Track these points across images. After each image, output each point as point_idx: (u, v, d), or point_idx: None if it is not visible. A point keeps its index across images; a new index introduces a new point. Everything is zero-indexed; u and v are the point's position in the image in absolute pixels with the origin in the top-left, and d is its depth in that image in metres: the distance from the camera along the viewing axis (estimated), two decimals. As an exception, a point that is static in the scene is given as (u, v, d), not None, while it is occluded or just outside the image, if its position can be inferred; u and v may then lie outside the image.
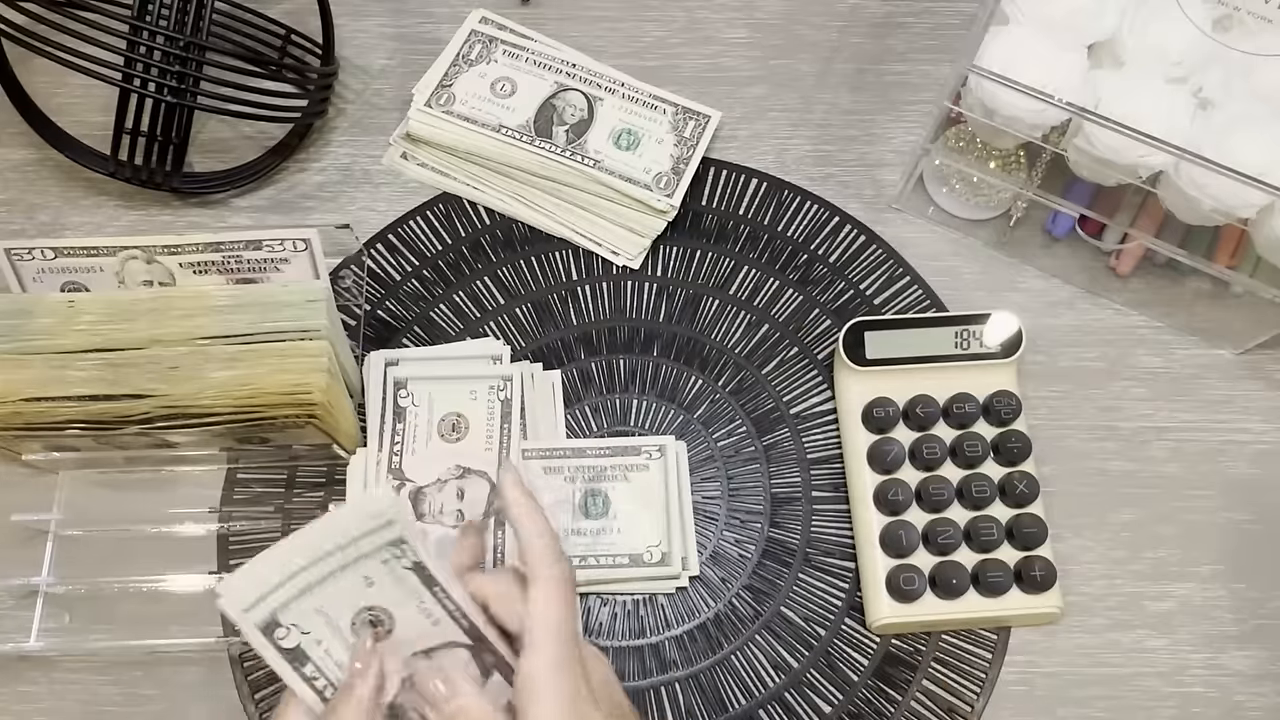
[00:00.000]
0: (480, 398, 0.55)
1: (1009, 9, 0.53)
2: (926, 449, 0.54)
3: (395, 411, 0.54)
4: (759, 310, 0.61)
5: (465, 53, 0.64)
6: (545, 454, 0.55)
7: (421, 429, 0.54)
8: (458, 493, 0.53)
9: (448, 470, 0.53)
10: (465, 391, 0.55)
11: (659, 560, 0.53)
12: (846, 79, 0.67)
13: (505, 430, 0.54)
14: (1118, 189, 0.55)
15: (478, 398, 0.55)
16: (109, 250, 0.51)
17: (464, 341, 0.59)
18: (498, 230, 0.62)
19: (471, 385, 0.55)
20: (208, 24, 0.55)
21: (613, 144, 0.61)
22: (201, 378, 0.48)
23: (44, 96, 0.62)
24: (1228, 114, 0.51)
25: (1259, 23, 0.53)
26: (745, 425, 0.58)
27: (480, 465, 0.53)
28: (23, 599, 0.53)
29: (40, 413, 0.48)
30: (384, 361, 0.56)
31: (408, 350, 0.58)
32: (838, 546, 0.55)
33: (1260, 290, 0.54)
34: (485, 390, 0.55)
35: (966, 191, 0.62)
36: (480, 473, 0.53)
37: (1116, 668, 0.53)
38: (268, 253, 0.51)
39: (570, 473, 0.54)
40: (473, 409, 0.55)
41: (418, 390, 0.55)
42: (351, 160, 0.64)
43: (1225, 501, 0.57)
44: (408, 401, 0.55)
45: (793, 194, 0.63)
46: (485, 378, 0.55)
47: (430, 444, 0.54)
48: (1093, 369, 0.59)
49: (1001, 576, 0.52)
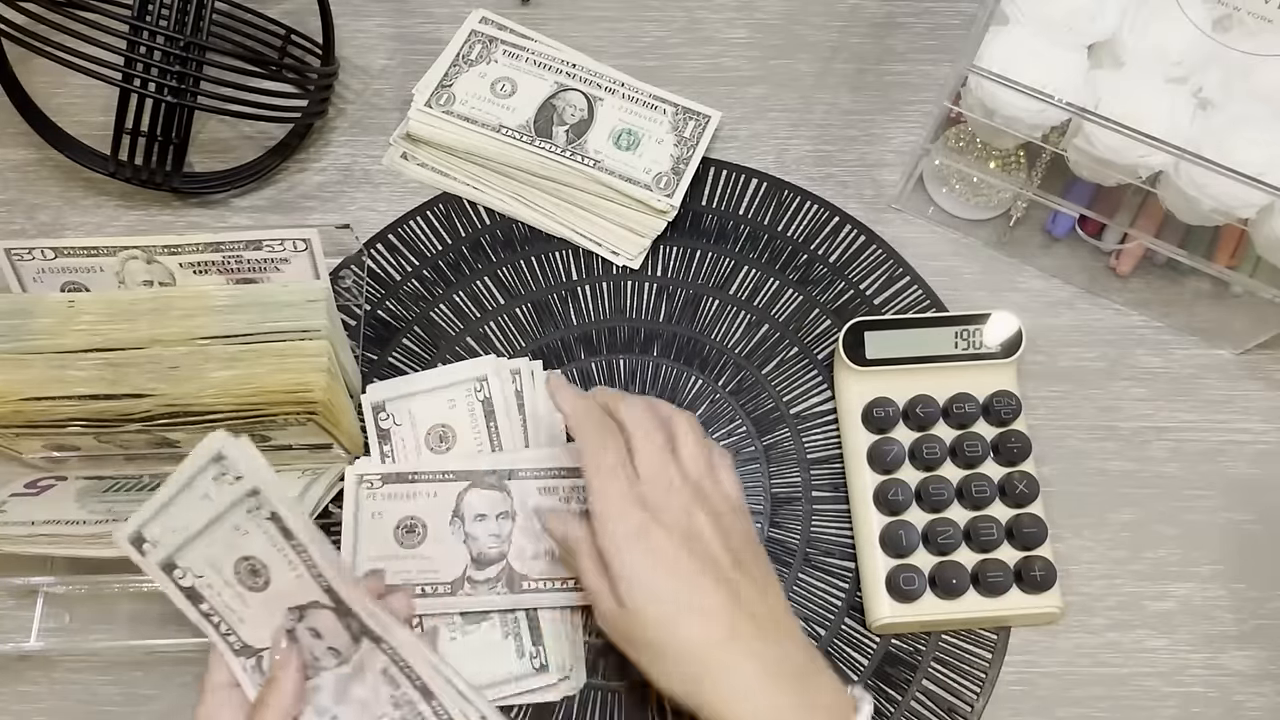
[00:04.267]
0: (459, 404, 0.54)
1: (1009, 9, 0.53)
2: (926, 449, 0.55)
3: (379, 435, 0.54)
4: (759, 310, 0.61)
5: (465, 53, 0.64)
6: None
7: (409, 445, 0.54)
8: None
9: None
10: (444, 401, 0.55)
11: None
12: (846, 79, 0.67)
13: (492, 428, 0.54)
14: (1118, 189, 0.55)
15: (457, 405, 0.55)
16: (109, 250, 0.51)
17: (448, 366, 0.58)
18: (498, 230, 0.62)
19: (448, 394, 0.55)
20: (208, 24, 0.55)
21: (613, 144, 0.61)
22: (201, 377, 0.48)
23: (44, 96, 0.62)
24: (1228, 114, 0.51)
25: (1259, 23, 0.53)
26: (745, 425, 0.58)
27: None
28: (23, 599, 0.54)
29: (41, 411, 0.48)
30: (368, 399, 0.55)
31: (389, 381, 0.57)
32: (838, 546, 0.55)
33: (1260, 290, 0.54)
34: (463, 396, 0.55)
35: (966, 191, 0.62)
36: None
37: (1116, 668, 0.53)
38: (268, 253, 0.51)
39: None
40: (454, 417, 0.54)
41: (397, 409, 0.55)
42: (351, 160, 0.64)
43: (1225, 501, 0.57)
44: (389, 423, 0.55)
45: (793, 194, 0.63)
46: (460, 383, 0.55)
47: (421, 458, 0.54)
48: (1093, 369, 0.59)
49: (1001, 576, 0.52)
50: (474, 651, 0.51)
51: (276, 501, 0.39)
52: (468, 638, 0.51)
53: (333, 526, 0.54)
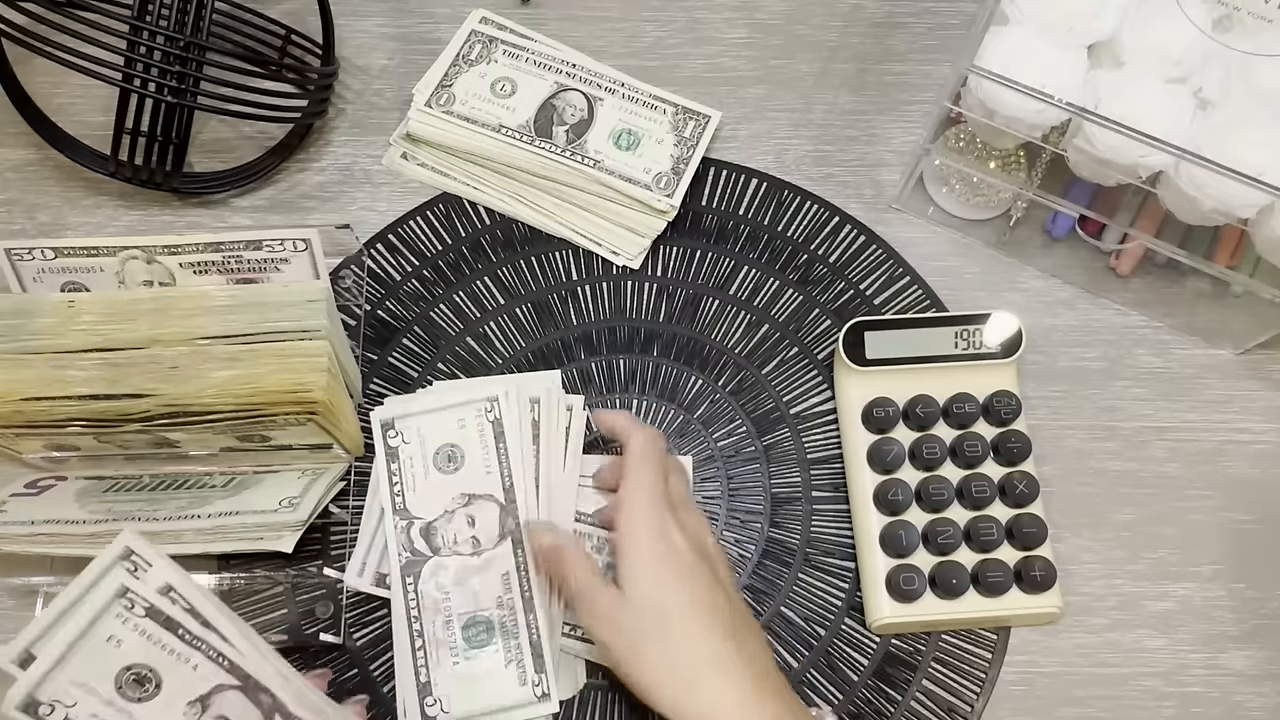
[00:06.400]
0: (469, 424, 0.53)
1: (1009, 9, 0.53)
2: (926, 449, 0.55)
3: (388, 452, 0.53)
4: (759, 310, 0.61)
5: (465, 53, 0.64)
6: (579, 518, 0.54)
7: (418, 464, 0.53)
8: (468, 520, 0.52)
9: (452, 500, 0.52)
10: (454, 421, 0.53)
11: None
12: (846, 79, 0.67)
13: (501, 450, 0.53)
14: (1118, 189, 0.55)
15: (466, 425, 0.53)
16: (109, 250, 0.51)
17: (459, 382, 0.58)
18: (498, 230, 0.62)
19: (459, 414, 0.53)
20: (208, 24, 0.55)
21: (613, 144, 0.61)
22: (202, 377, 0.48)
23: (44, 96, 0.62)
24: (1228, 114, 0.51)
25: (1258, 23, 0.53)
26: (745, 425, 0.58)
27: (485, 490, 0.52)
28: (23, 599, 0.54)
29: (41, 411, 0.48)
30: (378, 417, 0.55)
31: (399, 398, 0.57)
32: (838, 546, 0.55)
33: (1260, 290, 0.54)
34: (473, 416, 0.53)
35: (966, 191, 0.62)
36: (486, 496, 0.52)
37: (1116, 668, 0.53)
38: (268, 253, 0.51)
39: (597, 543, 0.53)
40: (464, 436, 0.53)
41: (406, 428, 0.54)
42: (351, 160, 0.64)
43: (1225, 501, 0.57)
44: (398, 441, 0.53)
45: (793, 194, 0.63)
46: (471, 403, 0.53)
47: (429, 477, 0.53)
48: (1092, 369, 0.59)
49: (1001, 576, 0.52)
50: (476, 678, 0.50)
51: (152, 594, 0.36)
52: (470, 663, 0.50)
53: (333, 526, 0.54)
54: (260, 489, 0.52)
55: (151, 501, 0.52)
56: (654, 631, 0.43)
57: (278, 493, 0.51)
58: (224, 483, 0.53)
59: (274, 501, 0.51)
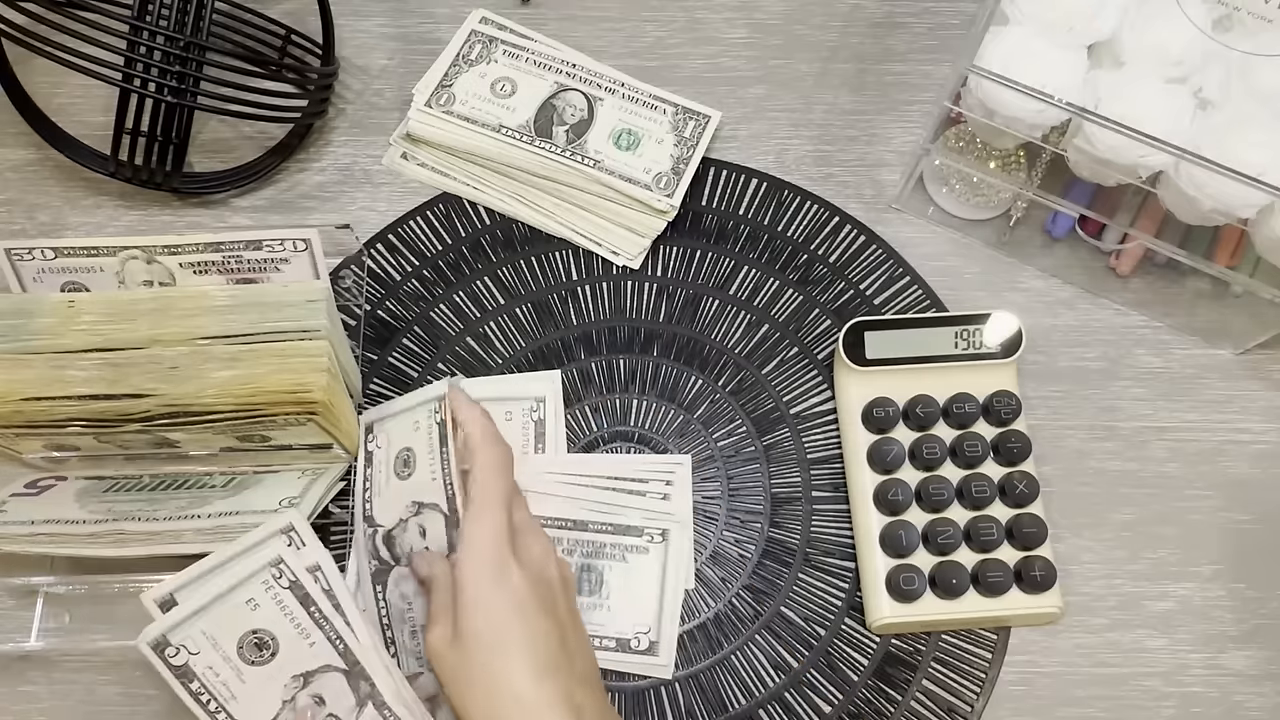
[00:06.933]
0: (422, 427, 0.51)
1: (1009, 9, 0.53)
2: (926, 449, 0.55)
3: (366, 456, 0.53)
4: (759, 310, 0.61)
5: (465, 53, 0.64)
6: (546, 523, 0.53)
7: (383, 470, 0.52)
8: (420, 531, 0.50)
9: (405, 509, 0.51)
10: (410, 424, 0.52)
11: (646, 649, 0.52)
12: (846, 79, 0.67)
13: (444, 455, 0.50)
14: (1118, 189, 0.55)
15: (420, 427, 0.51)
16: (109, 250, 0.51)
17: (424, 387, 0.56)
18: (498, 230, 0.62)
19: (414, 416, 0.52)
20: (208, 24, 0.55)
21: (613, 144, 0.61)
22: (202, 377, 0.48)
23: (44, 96, 0.62)
24: (1227, 114, 0.51)
25: (1258, 23, 0.53)
26: (745, 425, 0.58)
27: (431, 499, 0.50)
28: (23, 599, 0.54)
29: (41, 411, 0.48)
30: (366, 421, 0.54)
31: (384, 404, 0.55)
32: (838, 546, 0.55)
33: (1260, 290, 0.54)
34: (424, 417, 0.51)
35: (966, 191, 0.62)
36: (432, 506, 0.49)
37: (1116, 668, 0.53)
38: (268, 253, 0.51)
39: (569, 545, 0.53)
40: (416, 440, 0.51)
41: (380, 431, 0.53)
42: (351, 160, 0.64)
43: (1225, 501, 0.57)
44: (374, 445, 0.53)
45: (793, 194, 0.63)
46: (424, 404, 0.52)
47: (390, 484, 0.52)
48: (1092, 369, 0.59)
49: (1001, 576, 0.52)
50: None
51: (301, 573, 0.39)
52: None
53: (333, 526, 0.54)
54: (260, 489, 0.52)
55: (151, 501, 0.52)
56: (476, 681, 0.43)
57: (278, 493, 0.51)
58: (224, 483, 0.53)
59: (274, 501, 0.51)
